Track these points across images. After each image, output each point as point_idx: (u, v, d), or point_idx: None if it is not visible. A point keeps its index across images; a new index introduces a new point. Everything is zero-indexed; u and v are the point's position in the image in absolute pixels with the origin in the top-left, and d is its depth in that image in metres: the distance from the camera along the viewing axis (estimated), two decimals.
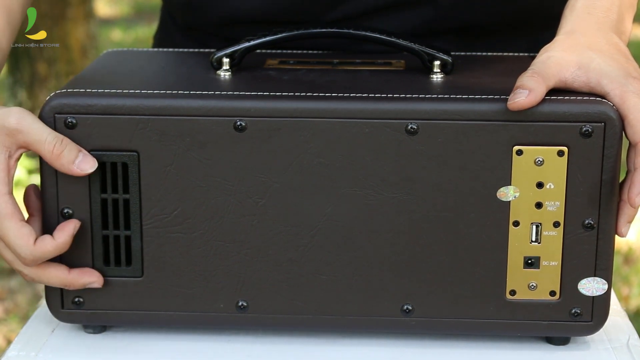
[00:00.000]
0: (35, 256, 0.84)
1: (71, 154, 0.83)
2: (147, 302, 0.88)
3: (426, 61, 0.92)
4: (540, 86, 0.82)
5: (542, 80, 0.83)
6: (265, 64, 0.96)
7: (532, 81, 0.82)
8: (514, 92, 0.82)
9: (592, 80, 0.84)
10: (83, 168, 0.84)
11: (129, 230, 0.87)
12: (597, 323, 0.88)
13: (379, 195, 0.85)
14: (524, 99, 0.82)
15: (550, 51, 0.86)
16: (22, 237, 0.83)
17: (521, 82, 0.83)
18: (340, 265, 0.87)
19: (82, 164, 0.84)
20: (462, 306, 0.87)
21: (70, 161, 0.83)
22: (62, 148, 0.83)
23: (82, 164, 0.84)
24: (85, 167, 0.84)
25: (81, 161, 0.84)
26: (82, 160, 0.84)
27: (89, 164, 0.84)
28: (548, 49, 0.86)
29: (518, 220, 0.85)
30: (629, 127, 0.82)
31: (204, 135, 0.84)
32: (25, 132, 0.83)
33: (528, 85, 0.82)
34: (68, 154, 0.83)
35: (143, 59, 1.00)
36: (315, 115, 0.84)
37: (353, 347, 0.89)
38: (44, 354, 0.88)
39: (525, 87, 0.82)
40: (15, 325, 2.48)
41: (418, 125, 0.83)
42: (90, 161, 0.84)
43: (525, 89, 0.82)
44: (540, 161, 0.84)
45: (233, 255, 0.87)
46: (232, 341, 0.90)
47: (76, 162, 0.84)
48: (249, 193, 0.85)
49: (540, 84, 0.83)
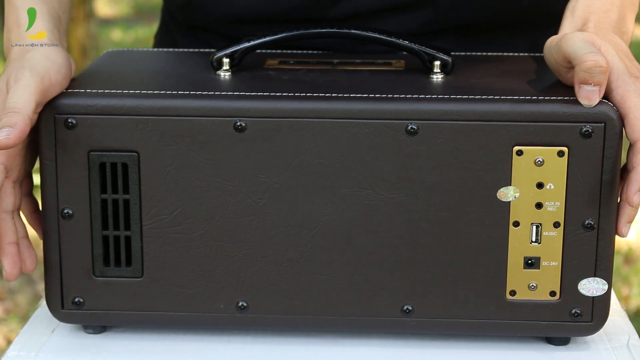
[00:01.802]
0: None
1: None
2: (147, 303, 0.88)
3: (426, 61, 0.92)
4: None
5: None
6: (265, 64, 0.96)
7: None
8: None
9: None
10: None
11: (129, 231, 0.87)
12: (597, 323, 0.88)
13: (379, 195, 0.85)
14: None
15: None
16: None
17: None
18: (340, 265, 0.87)
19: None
20: (462, 306, 0.87)
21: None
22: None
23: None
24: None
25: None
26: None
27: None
28: None
29: (518, 221, 0.85)
30: (628, 126, 0.82)
31: (204, 135, 0.84)
32: None
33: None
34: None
35: (143, 59, 1.00)
36: (315, 116, 0.84)
37: (353, 347, 0.89)
38: (44, 354, 0.88)
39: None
40: (15, 325, 2.48)
41: (418, 126, 0.83)
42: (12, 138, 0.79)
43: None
44: (540, 161, 0.84)
45: (233, 255, 0.87)
46: (232, 341, 0.90)
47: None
48: (249, 193, 0.85)
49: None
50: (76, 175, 0.86)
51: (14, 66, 0.86)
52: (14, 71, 0.84)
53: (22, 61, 0.86)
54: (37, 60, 0.85)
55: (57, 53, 0.87)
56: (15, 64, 0.86)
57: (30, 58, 0.86)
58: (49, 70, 0.84)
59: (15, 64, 0.86)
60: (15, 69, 0.85)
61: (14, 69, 0.85)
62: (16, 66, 0.85)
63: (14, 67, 0.85)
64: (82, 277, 0.88)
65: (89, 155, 0.85)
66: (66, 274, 0.88)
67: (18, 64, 0.85)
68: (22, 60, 0.86)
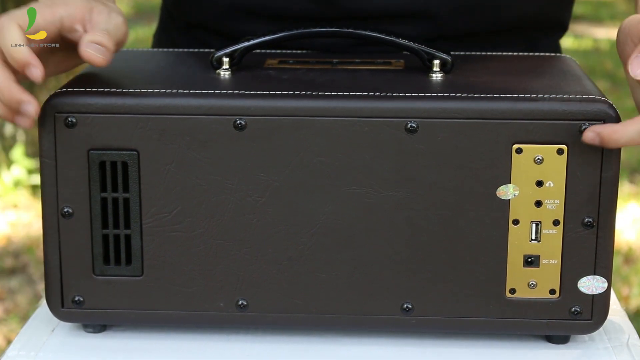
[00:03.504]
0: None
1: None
2: (147, 301, 0.88)
3: (426, 60, 0.92)
4: None
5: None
6: (265, 63, 0.96)
7: None
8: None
9: None
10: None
11: (129, 229, 0.87)
12: (597, 321, 0.88)
13: (379, 193, 0.85)
14: None
15: None
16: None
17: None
18: (340, 263, 0.87)
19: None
20: (462, 305, 0.87)
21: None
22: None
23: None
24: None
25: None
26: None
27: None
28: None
29: (518, 219, 0.85)
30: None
31: (204, 134, 0.84)
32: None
33: None
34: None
35: (143, 59, 1.00)
36: (315, 114, 0.84)
37: (353, 346, 0.89)
38: (44, 354, 0.88)
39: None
40: (15, 325, 2.48)
41: (418, 124, 0.84)
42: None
43: None
44: (539, 159, 0.84)
45: (233, 254, 0.87)
46: (232, 340, 0.90)
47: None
48: (249, 192, 0.85)
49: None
50: (76, 174, 0.86)
51: (103, 2, 0.89)
52: (105, 5, 0.88)
53: (108, 5, 0.89)
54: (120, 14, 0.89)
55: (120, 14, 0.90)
56: (101, 1, 0.89)
57: (114, 7, 0.90)
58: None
59: (101, 1, 0.89)
60: (104, 4, 0.88)
61: (103, 3, 0.88)
62: (105, 3, 0.88)
63: (102, 3, 0.88)
64: (82, 276, 0.88)
65: (89, 153, 0.85)
66: (66, 273, 0.88)
67: (102, 3, 0.88)
68: (107, 5, 0.89)
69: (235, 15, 1.05)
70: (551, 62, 0.99)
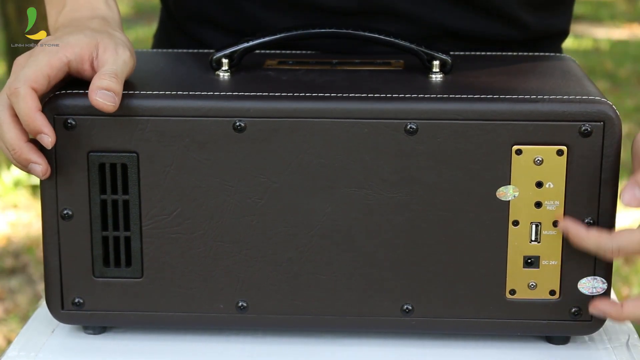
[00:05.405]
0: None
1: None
2: (147, 303, 0.88)
3: (425, 61, 0.92)
4: None
5: None
6: (265, 64, 0.96)
7: None
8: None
9: None
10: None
11: (129, 231, 0.87)
12: (597, 322, 0.88)
13: (379, 195, 0.85)
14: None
15: None
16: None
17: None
18: (340, 265, 0.87)
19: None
20: (462, 306, 0.87)
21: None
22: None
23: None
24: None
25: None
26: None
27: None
28: None
29: (517, 220, 0.85)
30: None
31: (204, 135, 0.84)
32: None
33: None
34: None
35: (142, 60, 1.00)
36: (315, 116, 0.84)
37: (353, 347, 0.89)
38: (44, 355, 0.88)
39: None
40: (15, 325, 2.48)
41: (417, 125, 0.84)
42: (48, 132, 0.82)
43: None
44: (539, 160, 0.84)
45: (233, 255, 0.87)
46: (232, 341, 0.90)
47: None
48: (249, 193, 0.85)
49: None
50: (76, 176, 0.86)
51: (109, 33, 0.88)
52: (111, 37, 0.87)
53: (114, 37, 0.88)
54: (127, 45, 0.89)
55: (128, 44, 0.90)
56: (107, 33, 0.88)
57: (121, 36, 0.89)
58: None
59: (107, 33, 0.88)
60: (110, 36, 0.87)
61: (109, 36, 0.87)
62: (111, 35, 0.88)
63: (108, 34, 0.88)
64: (82, 277, 0.88)
65: (88, 156, 0.85)
66: (66, 275, 0.88)
67: (108, 35, 0.88)
68: (114, 36, 0.88)
69: (233, 7, 1.04)
70: (551, 62, 0.99)
